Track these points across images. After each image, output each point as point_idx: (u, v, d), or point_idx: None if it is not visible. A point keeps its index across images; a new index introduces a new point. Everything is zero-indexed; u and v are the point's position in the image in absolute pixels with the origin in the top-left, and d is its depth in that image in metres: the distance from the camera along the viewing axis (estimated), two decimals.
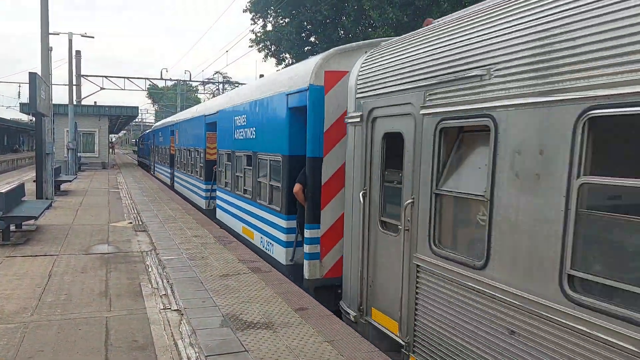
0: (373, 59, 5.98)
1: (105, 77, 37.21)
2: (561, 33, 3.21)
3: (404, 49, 5.36)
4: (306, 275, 7.35)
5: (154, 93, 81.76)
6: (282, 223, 8.28)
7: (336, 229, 7.13)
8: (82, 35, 30.49)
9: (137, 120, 78.39)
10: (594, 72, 2.94)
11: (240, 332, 5.41)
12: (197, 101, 77.53)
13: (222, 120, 13.07)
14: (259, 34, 35.55)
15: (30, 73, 13.41)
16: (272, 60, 36.39)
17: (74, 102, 29.78)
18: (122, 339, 5.23)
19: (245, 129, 10.64)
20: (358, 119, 5.98)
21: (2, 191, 10.21)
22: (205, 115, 15.29)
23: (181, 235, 10.95)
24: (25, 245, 9.68)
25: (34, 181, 15.59)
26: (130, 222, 12.54)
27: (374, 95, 5.74)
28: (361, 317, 5.98)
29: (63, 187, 19.91)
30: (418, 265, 4.78)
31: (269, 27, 35.26)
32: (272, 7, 34.17)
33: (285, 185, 8.09)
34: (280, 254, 8.34)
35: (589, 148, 3.04)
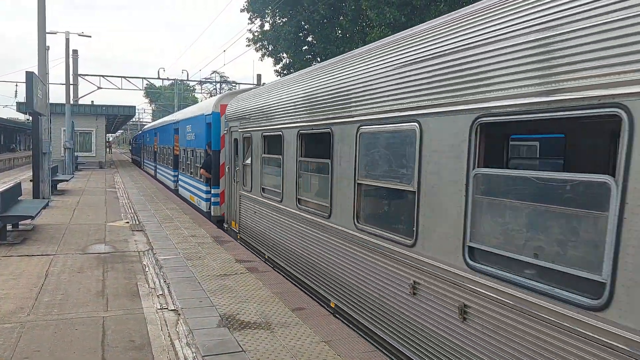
0: (233, 102, 12.05)
1: (103, 76, 37.04)
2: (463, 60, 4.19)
3: (239, 100, 11.52)
4: (212, 214, 13.85)
5: (152, 92, 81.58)
6: (203, 188, 14.70)
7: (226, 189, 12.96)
8: (79, 35, 30.43)
9: (134, 119, 78.25)
10: (480, 89, 3.90)
11: (238, 332, 5.41)
12: (195, 100, 77.39)
13: (181, 128, 20.05)
14: (256, 34, 35.53)
15: (27, 72, 13.38)
16: (270, 60, 36.37)
17: (71, 102, 29.70)
18: (118, 339, 5.22)
19: (190, 134, 17.65)
20: (226, 131, 12.38)
21: None
22: (172, 123, 22.82)
23: (178, 235, 10.93)
24: (22, 244, 9.66)
25: (30, 180, 15.55)
26: (128, 222, 12.52)
27: (231, 119, 11.69)
28: (229, 226, 12.28)
29: (60, 186, 19.85)
30: (241, 195, 10.84)
31: (267, 27, 35.24)
32: (269, 7, 34.16)
33: (204, 167, 14.34)
34: (203, 205, 14.79)
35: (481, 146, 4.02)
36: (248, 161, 10.45)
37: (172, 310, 6.13)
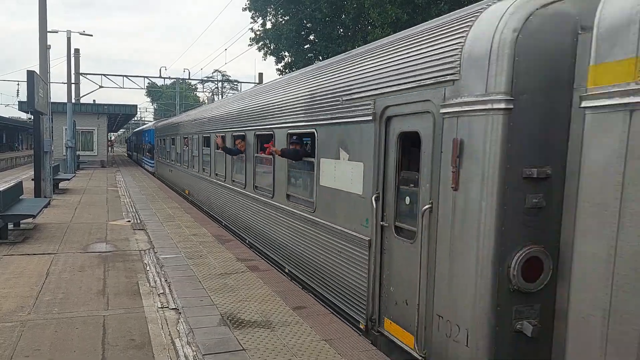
0: (161, 124, 28.71)
1: (104, 75, 37.01)
2: None
3: (168, 123, 25.12)
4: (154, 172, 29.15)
5: (153, 91, 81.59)
6: (151, 162, 31.81)
7: None
8: (80, 34, 30.41)
9: (136, 118, 78.24)
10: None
11: (238, 330, 5.40)
12: (196, 99, 77.34)
13: (146, 134, 36.95)
14: (258, 32, 35.48)
15: (28, 71, 13.37)
16: (272, 59, 36.33)
17: (73, 101, 29.71)
18: (119, 337, 5.21)
19: (147, 137, 36.63)
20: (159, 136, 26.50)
21: (0, 189, 10.19)
22: (145, 131, 37.43)
23: (179, 234, 10.93)
24: (23, 243, 9.67)
25: (32, 179, 15.56)
26: (129, 221, 12.53)
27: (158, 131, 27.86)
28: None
29: (62, 185, 19.87)
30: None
31: (269, 26, 35.19)
32: (271, 5, 34.11)
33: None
34: (149, 169, 31.96)
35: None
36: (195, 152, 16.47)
37: (172, 309, 6.12)
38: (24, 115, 74.31)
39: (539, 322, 3.81)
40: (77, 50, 32.49)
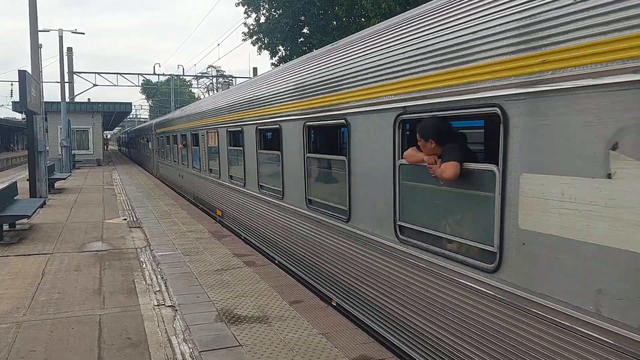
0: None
1: (98, 73, 36.80)
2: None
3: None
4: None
5: (148, 88, 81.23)
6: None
7: None
8: (72, 32, 30.22)
9: (131, 116, 77.91)
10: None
11: (235, 326, 5.38)
12: (192, 96, 77.01)
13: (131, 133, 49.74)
14: (252, 27, 35.29)
15: (19, 71, 13.26)
16: (266, 53, 36.14)
17: (67, 100, 29.53)
18: (115, 336, 5.19)
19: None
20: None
21: None
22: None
23: (176, 231, 10.89)
24: (18, 244, 9.62)
25: (27, 180, 15.48)
26: (125, 219, 12.48)
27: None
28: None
29: (57, 184, 19.79)
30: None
31: (262, 20, 34.99)
32: (265, 0, 33.90)
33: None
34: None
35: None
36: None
37: (169, 306, 6.09)
38: (19, 116, 73.99)
39: None
40: (69, 49, 32.27)
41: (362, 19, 28.99)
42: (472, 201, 3.85)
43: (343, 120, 5.52)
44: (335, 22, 31.61)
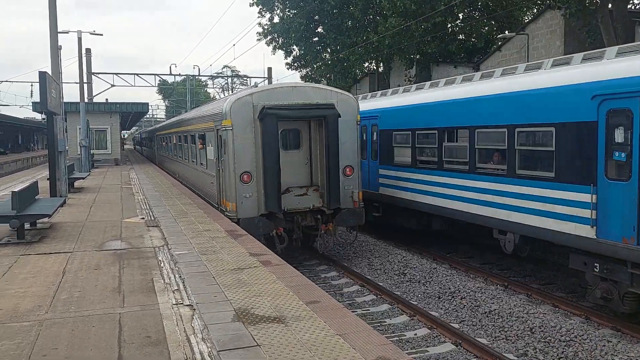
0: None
1: (116, 74, 37.38)
2: None
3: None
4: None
5: (164, 89, 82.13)
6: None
7: None
8: (91, 33, 30.61)
9: (148, 115, 78.80)
10: None
11: (252, 326, 5.41)
12: (207, 96, 77.51)
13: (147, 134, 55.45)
14: (266, 27, 35.39)
15: (40, 72, 13.49)
16: (281, 53, 36.22)
17: (86, 100, 29.97)
18: (135, 335, 5.26)
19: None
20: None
21: (16, 190, 10.33)
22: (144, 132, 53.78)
23: (193, 229, 10.99)
24: (39, 243, 9.80)
25: (47, 179, 15.75)
26: (143, 218, 12.63)
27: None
28: None
29: (77, 184, 20.09)
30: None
31: (276, 20, 35.07)
32: (279, 0, 33.99)
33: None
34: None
35: None
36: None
37: (187, 305, 6.16)
38: (38, 116, 75.23)
39: None
40: (88, 50, 32.77)
41: (378, 17, 28.87)
42: None
43: None
44: (350, 21, 31.56)
